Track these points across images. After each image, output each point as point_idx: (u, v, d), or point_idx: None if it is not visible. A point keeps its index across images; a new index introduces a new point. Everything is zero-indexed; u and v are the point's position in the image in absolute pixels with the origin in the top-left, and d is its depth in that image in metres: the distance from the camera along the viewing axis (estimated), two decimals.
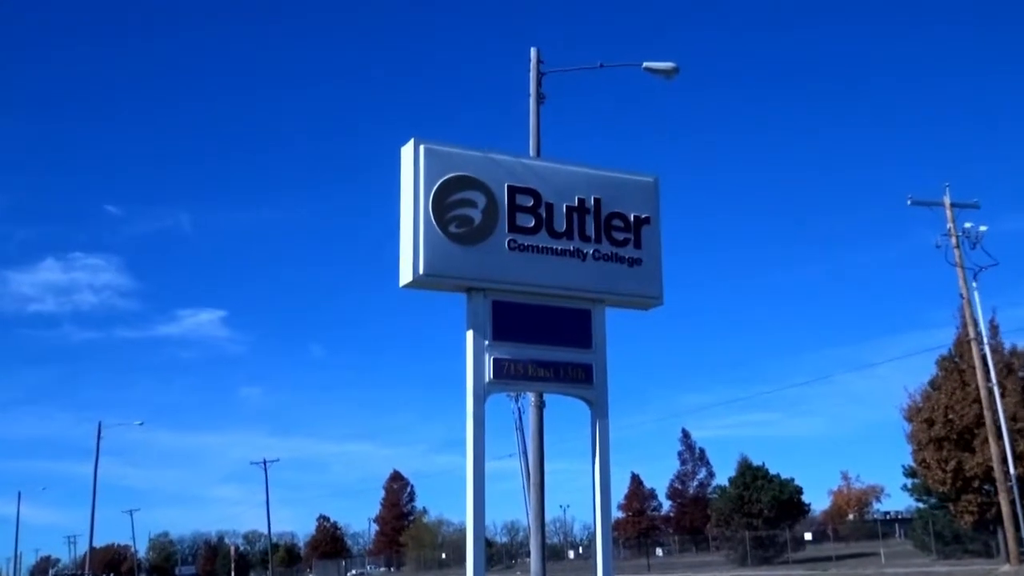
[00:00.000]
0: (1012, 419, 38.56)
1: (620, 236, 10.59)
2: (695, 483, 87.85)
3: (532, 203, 10.22)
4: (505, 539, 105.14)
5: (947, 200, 37.95)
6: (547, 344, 10.12)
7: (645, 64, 20.26)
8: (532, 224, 10.18)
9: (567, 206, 10.37)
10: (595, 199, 10.53)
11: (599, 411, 10.28)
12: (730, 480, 64.09)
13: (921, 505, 51.12)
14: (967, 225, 37.48)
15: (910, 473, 47.34)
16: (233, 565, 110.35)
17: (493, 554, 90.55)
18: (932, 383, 43.60)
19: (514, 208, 10.12)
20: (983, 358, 37.55)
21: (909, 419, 43.52)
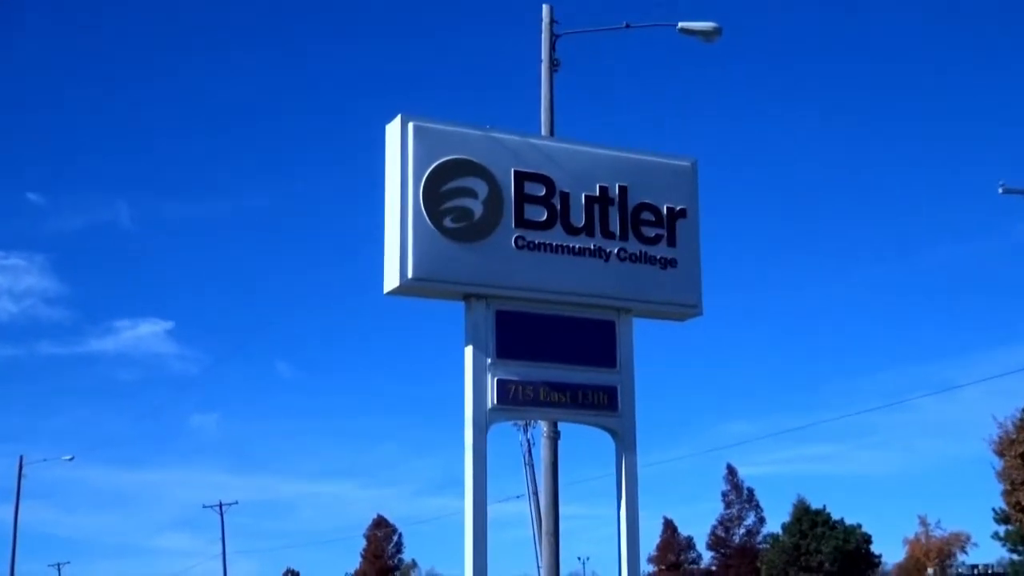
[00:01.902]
0: None
1: (650, 232, 10.59)
2: (742, 530, 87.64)
3: (544, 192, 10.22)
4: None
5: None
6: (562, 363, 10.12)
7: (680, 24, 20.27)
8: (544, 217, 10.19)
9: (586, 196, 10.38)
10: (620, 187, 10.52)
11: (625, 443, 10.27)
12: (784, 527, 63.99)
13: (1016, 557, 50.96)
14: None
15: (1002, 518, 47.23)
16: None
17: None
18: None
19: (522, 198, 10.12)
20: None
21: (1000, 453, 43.40)
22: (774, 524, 72.84)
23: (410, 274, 9.69)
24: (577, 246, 10.25)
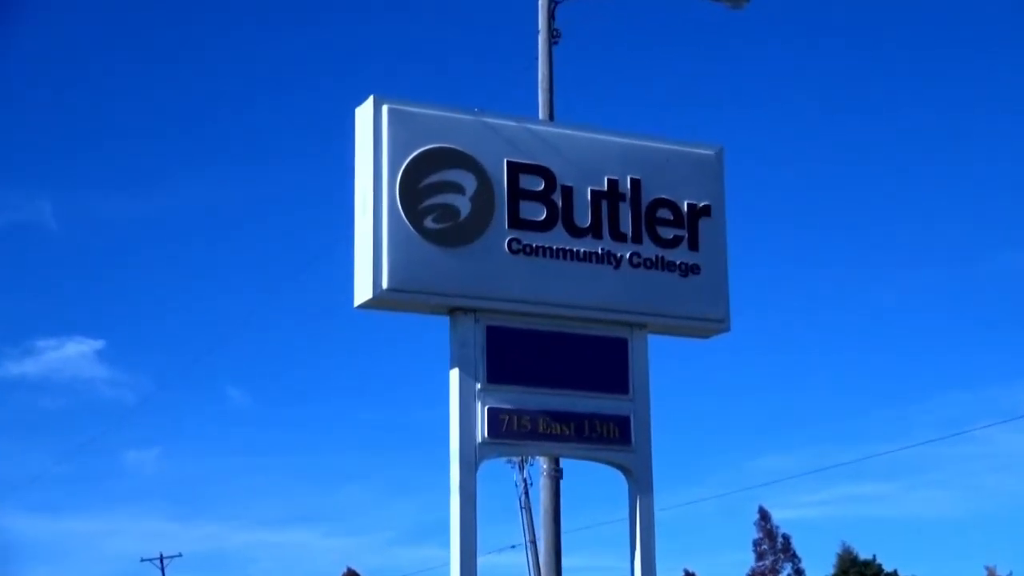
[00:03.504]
0: None
1: (668, 233, 10.61)
2: None
3: (543, 187, 10.24)
4: None
5: None
6: (565, 388, 10.13)
7: None
8: (543, 217, 10.20)
9: (593, 190, 10.39)
10: (632, 180, 10.54)
11: (640, 483, 10.28)
12: None
13: None
14: None
15: None
16: None
17: None
18: None
19: (517, 194, 10.14)
20: None
21: None
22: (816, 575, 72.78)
23: (385, 284, 9.68)
24: (582, 250, 10.26)
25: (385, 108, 9.94)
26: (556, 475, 19.39)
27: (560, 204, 10.26)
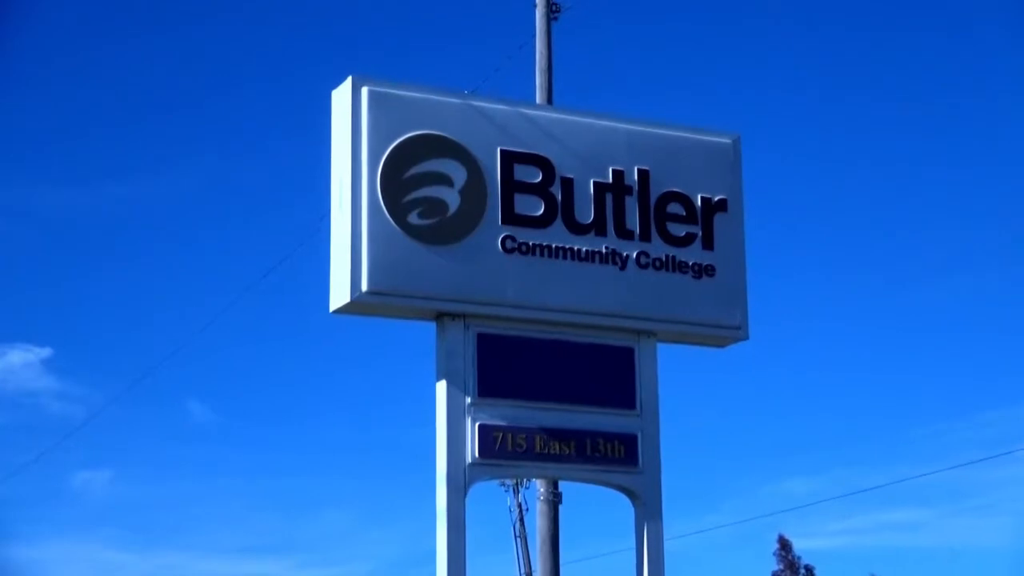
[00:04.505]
0: None
1: (680, 230, 10.62)
2: None
3: (540, 178, 10.24)
4: None
5: None
6: (565, 402, 10.14)
7: None
8: (540, 212, 10.20)
9: (596, 183, 10.40)
10: (640, 171, 10.56)
11: (648, 509, 10.28)
12: None
13: None
14: None
15: None
16: None
17: None
18: None
19: (512, 186, 10.14)
20: None
21: None
22: None
23: (364, 287, 9.67)
24: (584, 249, 10.27)
25: (365, 90, 9.92)
26: (554, 499, 19.38)
27: (559, 198, 10.26)
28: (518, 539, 38.26)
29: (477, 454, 9.77)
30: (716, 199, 10.80)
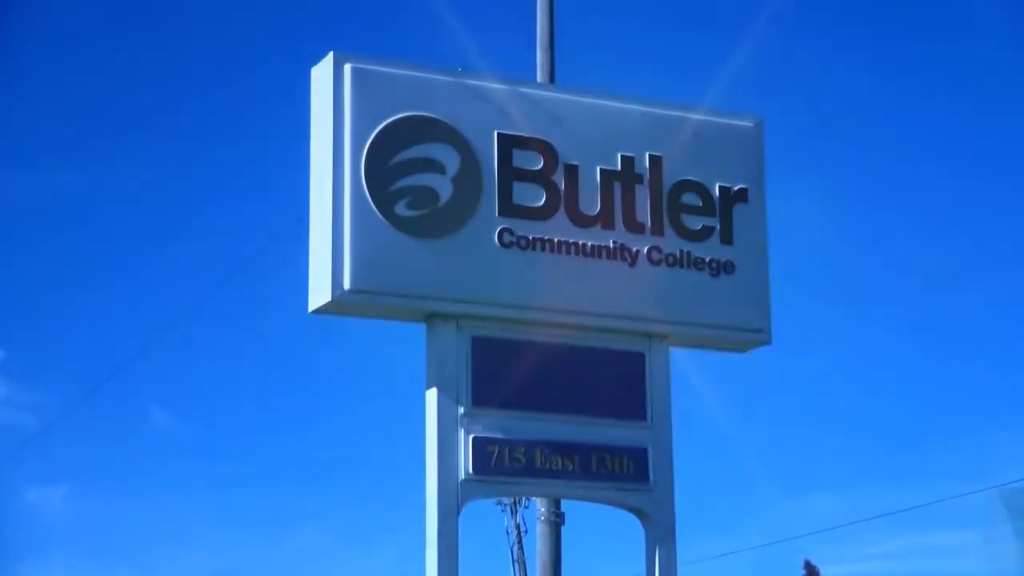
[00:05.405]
0: None
1: (696, 223, 10.63)
2: None
3: (542, 165, 10.24)
4: None
5: None
6: (568, 413, 10.14)
7: None
8: (541, 202, 10.20)
9: (602, 170, 10.40)
10: (652, 158, 10.55)
11: (659, 530, 10.28)
12: None
13: None
14: None
15: None
16: None
17: None
18: None
19: (510, 174, 10.14)
20: None
21: None
22: None
23: (347, 284, 9.65)
24: (589, 243, 10.27)
25: (348, 68, 9.91)
26: (556, 520, 19.41)
27: (563, 187, 10.26)
28: (516, 564, 38.37)
29: (471, 470, 9.76)
30: (736, 189, 10.81)
